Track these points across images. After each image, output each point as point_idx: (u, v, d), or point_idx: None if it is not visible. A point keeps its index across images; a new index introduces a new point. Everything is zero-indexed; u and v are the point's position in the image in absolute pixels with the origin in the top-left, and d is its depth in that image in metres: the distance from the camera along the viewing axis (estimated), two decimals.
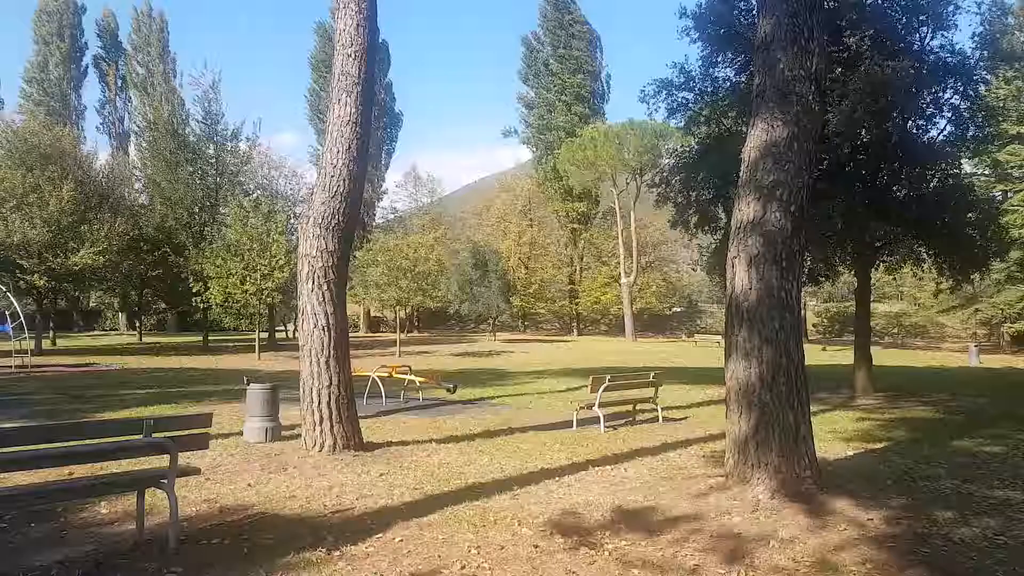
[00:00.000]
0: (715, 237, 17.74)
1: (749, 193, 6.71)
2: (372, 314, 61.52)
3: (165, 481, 5.23)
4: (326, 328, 9.03)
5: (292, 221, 36.38)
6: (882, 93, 13.02)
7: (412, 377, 15.31)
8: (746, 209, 6.70)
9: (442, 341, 47.19)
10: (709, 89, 16.36)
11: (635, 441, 9.97)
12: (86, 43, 67.38)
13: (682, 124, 17.67)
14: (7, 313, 23.63)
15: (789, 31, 6.77)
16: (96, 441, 5.19)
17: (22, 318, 23.58)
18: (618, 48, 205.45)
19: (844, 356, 29.18)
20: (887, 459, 8.55)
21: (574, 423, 11.31)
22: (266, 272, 28.34)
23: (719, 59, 16.03)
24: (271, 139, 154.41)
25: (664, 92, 16.54)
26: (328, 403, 8.92)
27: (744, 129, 14.06)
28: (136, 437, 5.11)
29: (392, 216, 65.85)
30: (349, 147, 9.25)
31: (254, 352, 31.22)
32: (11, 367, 22.09)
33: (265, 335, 37.23)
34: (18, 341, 23.62)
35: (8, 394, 15.55)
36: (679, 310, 67.70)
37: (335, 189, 9.19)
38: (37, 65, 64.11)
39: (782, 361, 6.44)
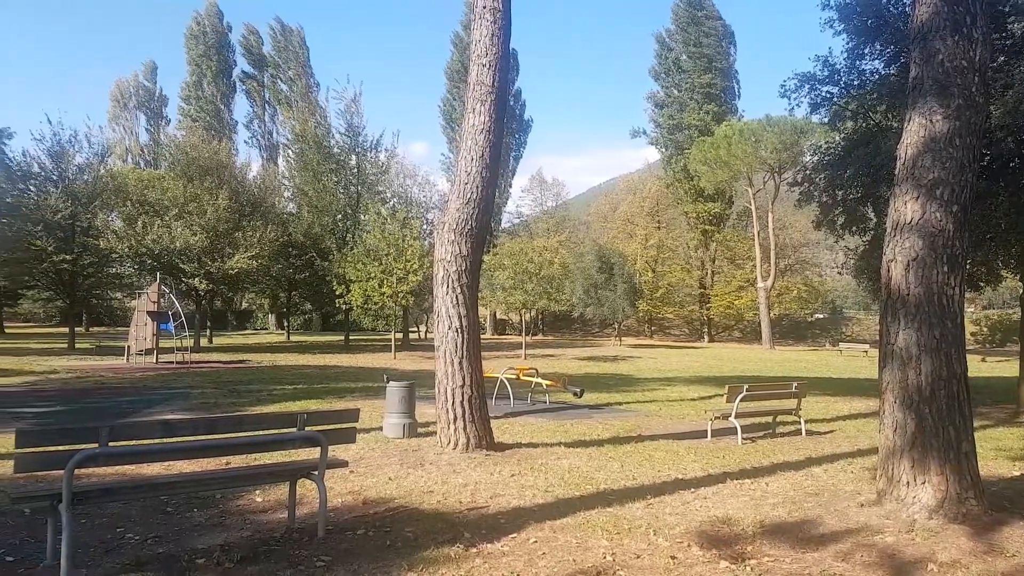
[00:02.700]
0: (864, 239, 16.84)
1: (906, 192, 6.30)
2: (498, 317, 62.45)
3: (316, 472, 5.52)
4: (459, 330, 9.25)
5: (425, 227, 37.58)
6: None
7: (539, 380, 15.41)
8: (903, 209, 6.29)
9: (566, 344, 47.25)
10: (855, 83, 15.61)
11: (776, 454, 9.56)
12: (235, 61, 73.07)
13: (826, 119, 16.96)
14: (170, 313, 25.70)
15: (949, 19, 6.31)
16: (252, 433, 5.54)
17: (183, 318, 25.66)
18: (750, 42, 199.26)
19: (1006, 368, 26.96)
20: None
21: (708, 433, 10.98)
22: (401, 275, 29.38)
23: (866, 51, 15.29)
24: (405, 148, 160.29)
25: (807, 86, 15.96)
26: (461, 402, 9.14)
27: (895, 124, 13.33)
28: (291, 430, 5.41)
29: (518, 220, 66.74)
30: (482, 155, 9.42)
31: (390, 352, 32.46)
32: (173, 363, 24.19)
33: (400, 335, 38.60)
34: (179, 339, 25.74)
35: (171, 387, 16.94)
36: (822, 316, 64.34)
37: (469, 196, 9.38)
38: (192, 84, 70.01)
39: (943, 371, 6.02)
